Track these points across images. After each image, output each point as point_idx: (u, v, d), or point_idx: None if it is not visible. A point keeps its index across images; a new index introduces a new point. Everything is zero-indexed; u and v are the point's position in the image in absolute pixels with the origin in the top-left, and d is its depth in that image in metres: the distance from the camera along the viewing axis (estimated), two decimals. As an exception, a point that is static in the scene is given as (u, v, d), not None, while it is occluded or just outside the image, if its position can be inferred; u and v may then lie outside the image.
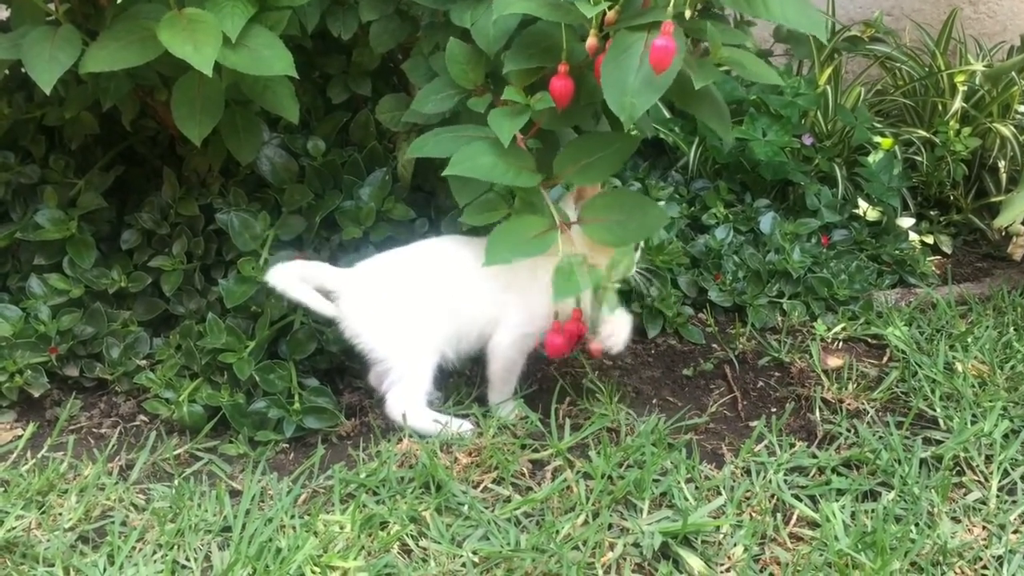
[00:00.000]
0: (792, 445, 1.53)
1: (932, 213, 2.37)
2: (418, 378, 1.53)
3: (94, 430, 1.59)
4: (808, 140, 2.26)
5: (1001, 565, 1.30)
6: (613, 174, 1.53)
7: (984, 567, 1.30)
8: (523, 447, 1.51)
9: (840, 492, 1.42)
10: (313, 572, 1.23)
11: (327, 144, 1.81)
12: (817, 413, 1.62)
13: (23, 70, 1.75)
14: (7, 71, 1.73)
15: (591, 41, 1.35)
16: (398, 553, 1.29)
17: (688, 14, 1.28)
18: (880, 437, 1.54)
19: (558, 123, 1.51)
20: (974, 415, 1.59)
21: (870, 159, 2.26)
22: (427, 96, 1.57)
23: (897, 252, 2.14)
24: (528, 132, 1.48)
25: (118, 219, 1.80)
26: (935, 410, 1.61)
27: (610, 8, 1.32)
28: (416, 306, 1.54)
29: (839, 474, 1.46)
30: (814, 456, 1.50)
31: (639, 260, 1.58)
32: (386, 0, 1.72)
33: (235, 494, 1.41)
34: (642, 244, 1.66)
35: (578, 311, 1.49)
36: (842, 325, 1.89)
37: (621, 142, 1.50)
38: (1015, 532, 1.37)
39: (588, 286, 1.39)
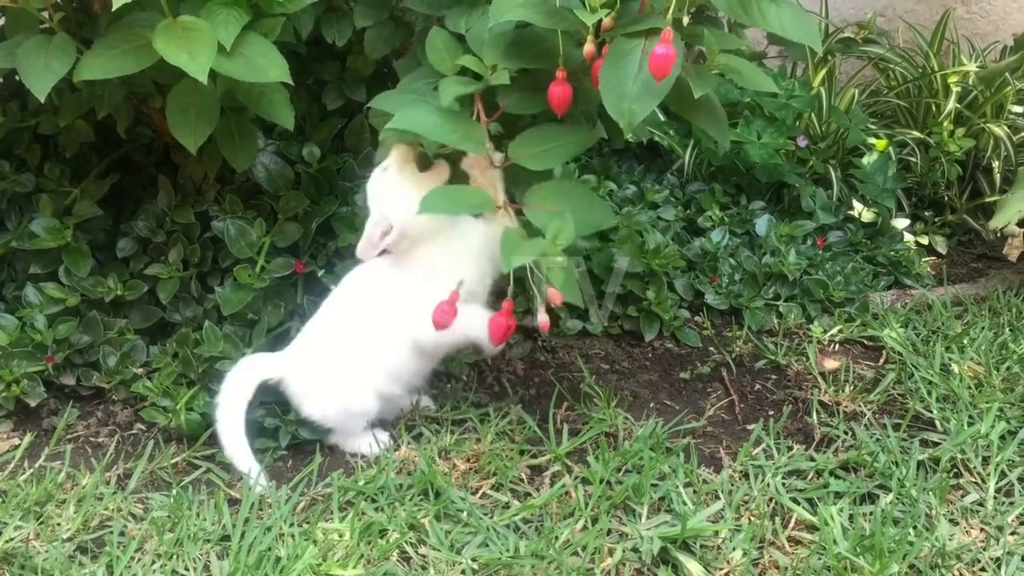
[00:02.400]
0: (790, 448, 1.54)
1: (926, 214, 2.38)
2: (356, 427, 1.52)
3: (91, 439, 1.59)
4: (803, 142, 2.27)
5: (999, 567, 1.31)
6: (566, 161, 1.50)
7: (982, 569, 1.31)
8: (521, 453, 1.51)
9: (838, 495, 1.43)
10: (313, 581, 1.24)
11: (322, 150, 1.81)
12: (814, 416, 1.63)
13: (17, 79, 1.76)
14: (1, 79, 1.73)
15: (588, 47, 1.35)
16: (397, 561, 1.29)
17: (685, 20, 1.28)
18: (877, 439, 1.55)
19: (522, 108, 1.48)
20: (971, 417, 1.59)
21: (865, 161, 2.27)
22: (407, 86, 1.55)
23: (892, 253, 2.15)
24: (492, 116, 1.46)
25: (114, 227, 1.79)
26: (932, 412, 1.62)
27: (606, 14, 1.32)
28: (343, 368, 1.49)
29: (837, 477, 1.47)
30: (812, 459, 1.51)
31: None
32: (381, 6, 1.72)
33: (233, 502, 1.41)
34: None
35: (510, 302, 1.44)
36: (838, 327, 1.89)
37: (581, 133, 1.49)
38: (1013, 534, 1.37)
39: (535, 254, 1.36)
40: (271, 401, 1.56)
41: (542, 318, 1.43)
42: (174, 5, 1.43)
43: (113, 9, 1.33)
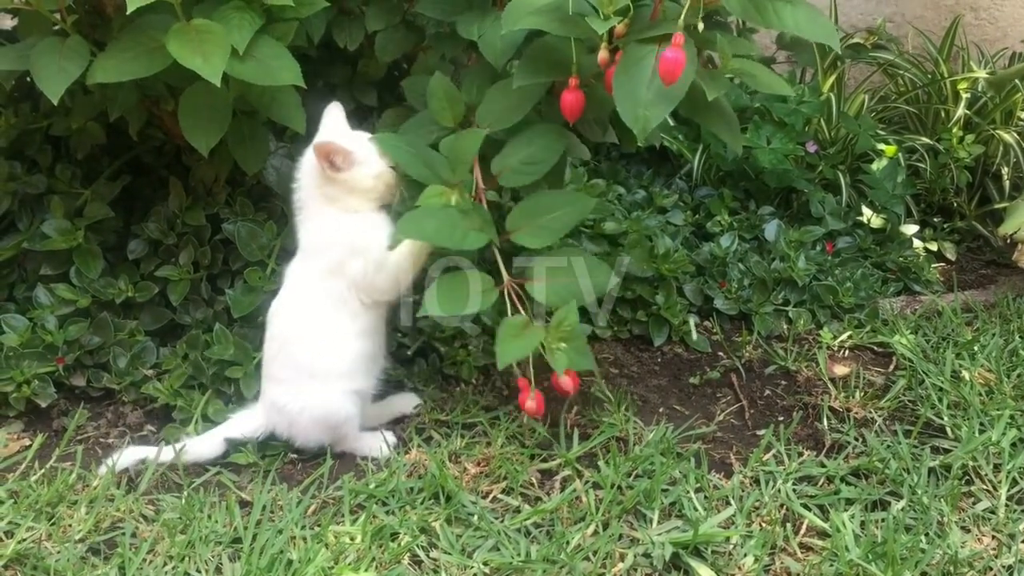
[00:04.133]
0: (800, 454, 1.54)
1: (935, 220, 2.38)
2: (351, 431, 1.51)
3: (101, 440, 1.59)
4: (812, 147, 2.27)
5: (1011, 575, 1.30)
6: (566, 234, 1.52)
7: (994, 577, 1.31)
8: (532, 457, 1.51)
9: (849, 501, 1.42)
10: (324, 584, 1.24)
11: (333, 154, 1.81)
12: (825, 422, 1.63)
13: (29, 80, 1.77)
14: (12, 82, 1.73)
15: (602, 54, 1.35)
16: (409, 564, 1.29)
17: (700, 27, 1.28)
18: (888, 446, 1.54)
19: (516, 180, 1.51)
20: (982, 424, 1.59)
21: (874, 166, 2.27)
22: (409, 131, 1.57)
23: (901, 259, 2.15)
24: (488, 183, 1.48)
25: (125, 229, 1.80)
26: (943, 419, 1.62)
27: (619, 21, 1.32)
28: (297, 384, 1.48)
29: (848, 483, 1.47)
30: (823, 465, 1.50)
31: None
32: (392, 10, 1.72)
33: (244, 504, 1.41)
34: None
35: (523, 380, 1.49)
36: (848, 333, 1.89)
37: (578, 202, 1.51)
38: (1024, 541, 1.37)
39: (531, 349, 1.40)
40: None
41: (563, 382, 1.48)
42: (187, 8, 1.43)
43: (127, 12, 1.33)
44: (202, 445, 1.49)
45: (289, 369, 1.49)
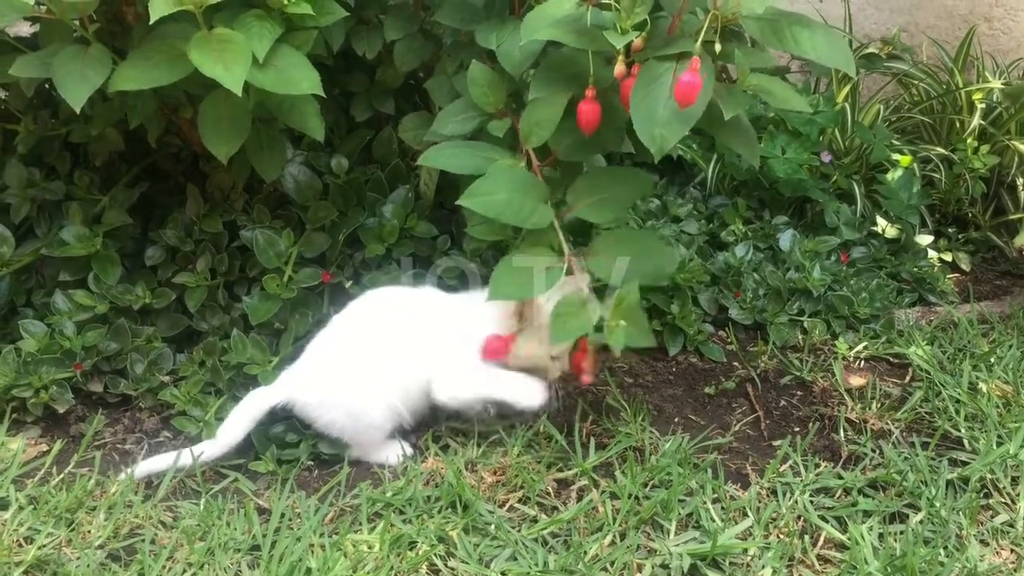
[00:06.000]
0: (817, 465, 1.53)
1: (950, 231, 2.37)
2: (374, 439, 1.52)
3: (118, 446, 1.59)
4: (826, 157, 2.26)
5: (1031, 589, 1.30)
6: (628, 209, 1.50)
7: (1014, 591, 1.30)
8: (548, 466, 1.51)
9: (867, 514, 1.42)
10: (342, 592, 1.24)
11: (350, 162, 1.82)
12: (841, 433, 1.62)
13: (48, 87, 1.78)
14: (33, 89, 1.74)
15: (619, 67, 1.36)
16: (427, 573, 1.29)
17: (718, 47, 1.28)
18: (905, 458, 1.54)
19: (579, 153, 1.51)
20: (999, 436, 1.58)
21: (889, 177, 2.26)
22: (447, 117, 1.58)
23: (916, 270, 2.14)
24: (545, 160, 1.49)
25: (142, 235, 1.81)
26: (960, 431, 1.61)
27: (637, 36, 1.33)
28: (355, 377, 1.50)
29: (865, 495, 1.46)
30: (840, 477, 1.50)
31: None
32: (410, 20, 1.73)
33: (262, 512, 1.42)
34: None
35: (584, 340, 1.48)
36: (864, 344, 1.89)
37: (638, 179, 1.51)
38: (1043, 555, 1.37)
39: (588, 328, 1.36)
40: (292, 416, 1.56)
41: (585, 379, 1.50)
42: (208, 16, 1.44)
43: (151, 22, 1.34)
44: (226, 435, 1.49)
45: (363, 357, 1.50)
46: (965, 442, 1.59)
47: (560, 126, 1.43)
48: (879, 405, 1.69)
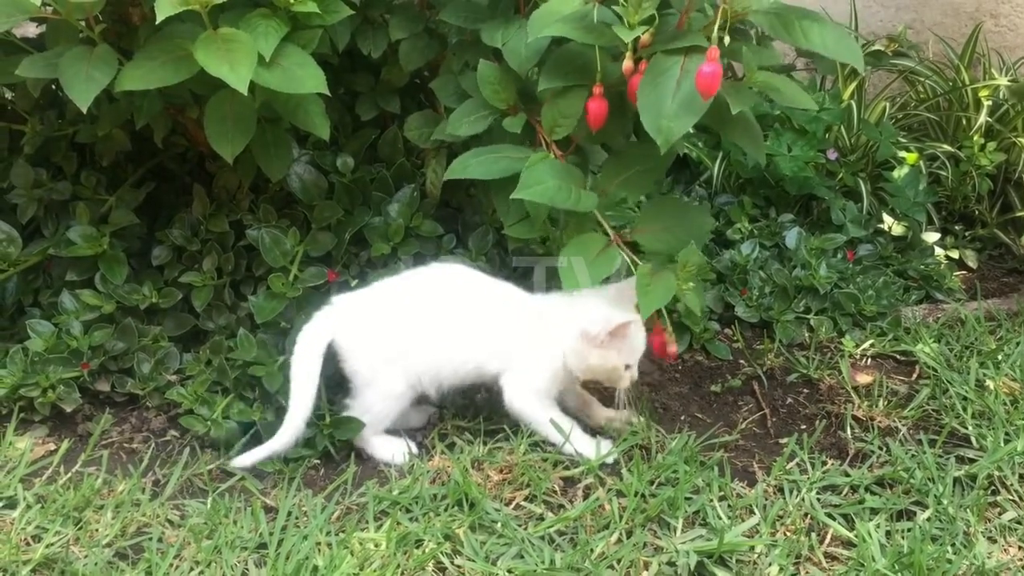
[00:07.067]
0: (824, 463, 1.53)
1: (957, 228, 2.37)
2: (382, 413, 1.54)
3: (125, 445, 1.60)
4: (832, 155, 2.26)
5: (1039, 586, 1.30)
6: (654, 184, 1.56)
7: (1022, 588, 1.30)
8: (555, 464, 1.51)
9: (874, 511, 1.42)
10: (349, 590, 1.24)
11: (356, 161, 1.82)
12: (848, 430, 1.62)
13: (54, 87, 1.78)
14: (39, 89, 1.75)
15: (627, 63, 1.36)
16: (433, 571, 1.29)
17: (727, 40, 1.28)
18: (913, 455, 1.54)
19: (592, 140, 1.52)
20: (1007, 434, 1.58)
21: (895, 174, 2.26)
22: (460, 118, 1.58)
23: (923, 267, 2.14)
24: (567, 149, 1.49)
25: (149, 235, 1.81)
26: (967, 428, 1.61)
27: (645, 31, 1.33)
28: (394, 336, 1.53)
29: (873, 493, 1.46)
30: (847, 474, 1.50)
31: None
32: (416, 19, 1.73)
33: (268, 510, 1.42)
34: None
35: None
36: (870, 341, 1.88)
37: (655, 154, 1.51)
38: (1052, 552, 1.36)
39: (669, 296, 1.41)
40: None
41: (671, 349, 1.55)
42: (214, 16, 1.44)
43: (156, 22, 1.35)
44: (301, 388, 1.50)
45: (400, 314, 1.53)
46: (972, 439, 1.58)
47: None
48: (886, 403, 1.69)
